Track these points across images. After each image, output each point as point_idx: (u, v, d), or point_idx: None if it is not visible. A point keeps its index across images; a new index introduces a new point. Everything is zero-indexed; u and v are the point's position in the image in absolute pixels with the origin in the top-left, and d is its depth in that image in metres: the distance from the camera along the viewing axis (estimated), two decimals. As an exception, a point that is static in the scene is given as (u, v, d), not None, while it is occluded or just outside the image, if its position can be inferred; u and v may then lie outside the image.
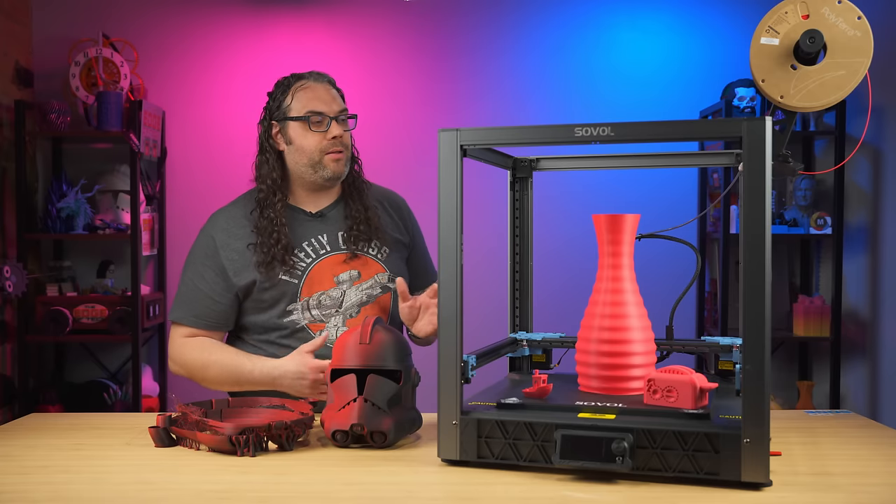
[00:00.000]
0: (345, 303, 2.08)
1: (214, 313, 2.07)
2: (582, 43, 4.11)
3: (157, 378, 4.02)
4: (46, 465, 1.60)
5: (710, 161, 2.54)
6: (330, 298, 2.07)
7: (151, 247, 3.91)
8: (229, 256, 2.08)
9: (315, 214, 2.13)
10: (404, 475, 1.51)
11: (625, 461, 1.40)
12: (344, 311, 2.08)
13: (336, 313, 2.08)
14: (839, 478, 1.48)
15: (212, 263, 2.08)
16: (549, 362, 1.95)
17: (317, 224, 2.13)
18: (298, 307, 2.06)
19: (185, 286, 2.11)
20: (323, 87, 2.10)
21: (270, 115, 2.12)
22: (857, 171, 3.94)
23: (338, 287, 2.09)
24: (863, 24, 1.50)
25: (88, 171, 3.88)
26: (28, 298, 3.64)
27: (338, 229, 2.13)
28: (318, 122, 2.07)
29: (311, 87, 2.09)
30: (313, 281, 2.07)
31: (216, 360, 2.03)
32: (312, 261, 2.08)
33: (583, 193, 4.01)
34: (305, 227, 2.11)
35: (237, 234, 2.10)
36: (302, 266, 2.07)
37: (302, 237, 2.10)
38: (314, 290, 2.07)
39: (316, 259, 2.09)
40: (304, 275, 2.07)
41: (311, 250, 2.09)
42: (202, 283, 2.08)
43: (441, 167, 1.52)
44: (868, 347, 3.88)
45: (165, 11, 4.05)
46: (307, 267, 2.08)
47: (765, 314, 1.35)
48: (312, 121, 2.06)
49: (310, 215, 2.13)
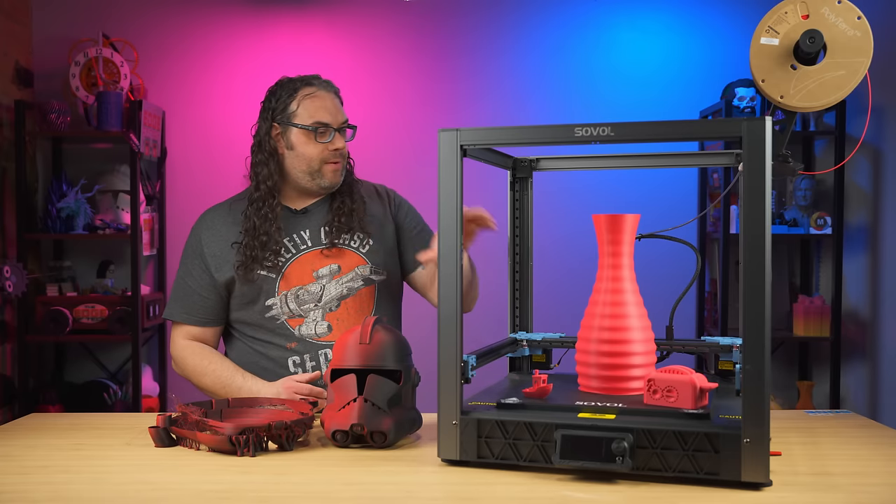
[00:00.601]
0: (324, 297, 2.09)
1: (203, 309, 2.11)
2: (582, 43, 4.11)
3: (157, 378, 4.02)
4: (46, 465, 1.60)
5: (710, 161, 2.54)
6: (308, 293, 2.09)
7: (151, 247, 3.91)
8: (212, 253, 2.11)
9: (300, 211, 2.16)
10: (404, 475, 1.51)
11: (625, 461, 1.40)
12: (323, 304, 2.09)
13: (315, 307, 2.09)
14: (839, 478, 1.48)
15: (198, 261, 2.12)
16: (549, 362, 1.96)
17: (300, 220, 2.15)
18: (277, 301, 2.08)
19: (177, 283, 2.16)
20: (329, 96, 2.12)
21: (273, 115, 2.11)
22: (857, 171, 3.94)
23: (317, 282, 2.10)
24: (863, 24, 1.50)
25: (88, 171, 3.88)
26: (28, 298, 3.64)
27: (321, 223, 2.14)
28: (323, 133, 2.08)
29: (320, 96, 2.10)
30: (291, 276, 2.09)
31: (213, 371, 2.07)
32: (292, 256, 2.11)
33: (583, 193, 4.01)
34: (289, 223, 2.13)
35: (221, 232, 2.13)
36: (281, 262, 2.09)
37: (284, 233, 2.11)
38: (292, 285, 2.09)
39: (296, 254, 2.11)
40: (283, 269, 2.09)
41: (291, 246, 2.12)
42: (190, 280, 2.12)
43: (441, 167, 1.52)
44: (868, 347, 3.88)
45: (165, 11, 4.05)
46: (286, 262, 2.10)
47: (765, 314, 1.35)
48: (318, 131, 2.08)
49: (294, 212, 2.15)
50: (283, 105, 2.10)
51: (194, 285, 2.11)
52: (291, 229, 2.13)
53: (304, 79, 2.12)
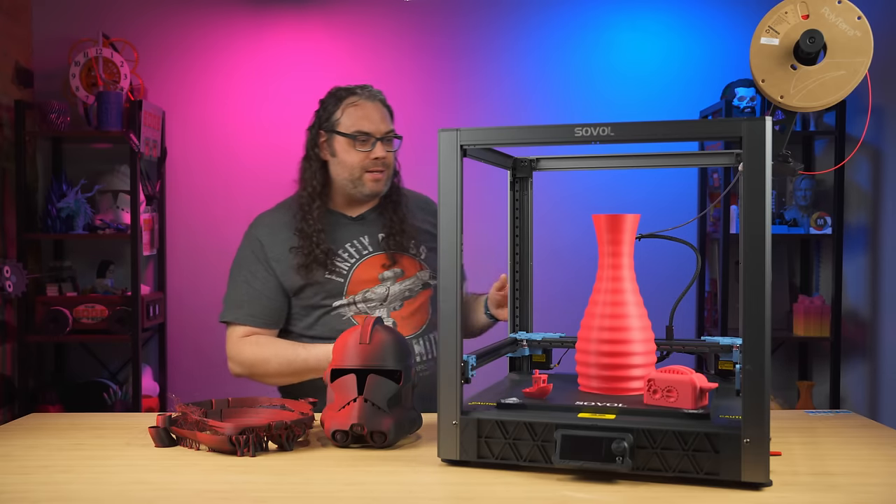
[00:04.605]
0: (389, 297, 2.17)
1: (269, 311, 2.15)
2: (582, 43, 4.11)
3: (157, 378, 4.02)
4: (46, 465, 1.60)
5: (710, 161, 2.54)
6: (375, 294, 2.17)
7: (151, 247, 3.91)
8: (275, 257, 2.16)
9: (355, 218, 2.23)
10: (404, 475, 1.51)
11: (625, 461, 1.40)
12: (388, 304, 2.17)
13: (381, 306, 2.17)
14: (839, 478, 1.48)
15: (263, 264, 2.17)
16: (549, 362, 1.95)
17: (357, 227, 2.22)
18: (344, 303, 2.15)
19: (238, 288, 2.17)
20: (374, 105, 2.19)
21: (319, 123, 2.20)
22: (857, 171, 3.94)
23: (382, 284, 2.18)
24: (863, 24, 1.50)
25: (88, 171, 3.88)
26: (28, 298, 3.64)
27: (377, 231, 2.22)
28: (363, 142, 2.15)
29: (363, 105, 2.18)
30: (359, 279, 2.17)
31: (275, 353, 2.10)
32: (356, 260, 2.18)
33: (583, 193, 4.01)
34: (347, 230, 2.21)
35: (280, 237, 2.18)
36: (346, 266, 2.16)
37: (344, 239, 2.19)
38: (359, 288, 2.16)
39: (360, 259, 2.18)
40: (350, 273, 2.16)
41: (353, 251, 2.19)
42: (256, 283, 2.15)
43: (441, 167, 1.52)
44: (868, 347, 3.88)
45: (165, 11, 4.05)
46: (352, 266, 2.17)
47: (765, 314, 1.35)
48: (359, 139, 2.15)
49: (350, 219, 2.22)
50: (329, 113, 2.19)
51: (260, 287, 2.15)
52: (350, 235, 2.20)
53: (352, 88, 2.21)
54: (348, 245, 2.19)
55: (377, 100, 2.21)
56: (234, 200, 4.01)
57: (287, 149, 4.02)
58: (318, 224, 2.14)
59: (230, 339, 2.16)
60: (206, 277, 4.04)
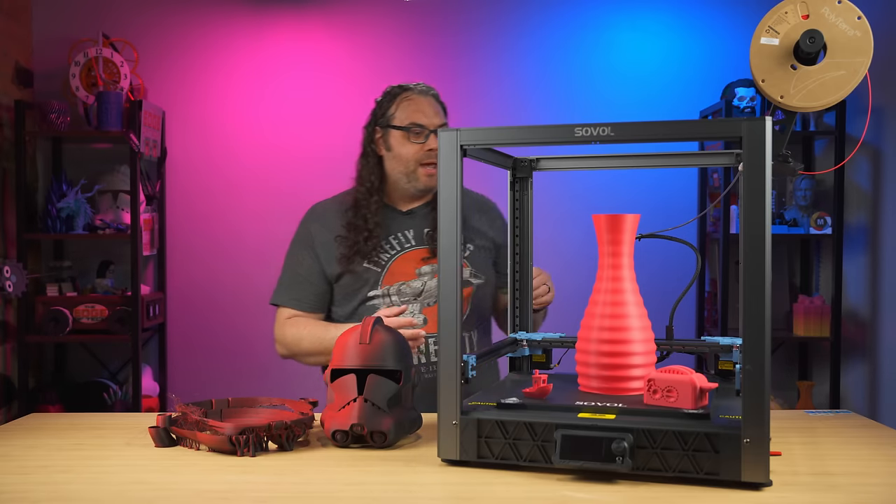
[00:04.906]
0: (424, 292, 2.20)
1: (312, 296, 2.23)
2: (582, 43, 4.11)
3: (157, 378, 4.02)
4: (46, 465, 1.60)
5: (710, 161, 2.54)
6: (410, 288, 2.20)
7: (151, 247, 3.91)
8: (321, 243, 2.24)
9: (406, 213, 2.27)
10: (404, 475, 1.51)
11: (625, 461, 1.40)
12: (422, 299, 2.20)
13: (414, 301, 2.19)
14: (839, 478, 1.48)
15: (309, 251, 2.25)
16: (549, 362, 1.95)
17: (406, 220, 2.26)
18: (379, 293, 2.19)
19: (286, 272, 2.28)
20: (427, 100, 2.26)
21: (375, 120, 2.26)
22: (857, 171, 3.94)
23: (419, 279, 2.20)
24: (863, 24, 1.50)
25: (88, 171, 3.88)
26: (28, 298, 3.64)
27: (424, 226, 2.25)
28: (417, 133, 2.21)
29: (416, 99, 2.24)
30: (395, 272, 2.20)
31: (308, 333, 2.18)
32: (396, 252, 2.21)
33: (583, 193, 4.01)
34: (395, 223, 2.25)
35: (330, 226, 2.25)
36: (385, 257, 2.20)
37: (389, 232, 2.23)
38: (396, 280, 2.20)
39: (400, 251, 2.22)
40: (388, 264, 2.20)
41: (395, 243, 2.22)
42: (301, 269, 2.25)
43: (441, 167, 1.52)
44: (868, 347, 3.88)
45: (165, 11, 4.05)
46: (390, 258, 2.21)
47: (765, 314, 1.35)
48: (413, 131, 2.20)
49: (400, 213, 2.27)
50: (384, 110, 2.25)
51: (304, 273, 2.23)
52: (396, 228, 2.24)
53: (405, 85, 2.27)
54: (392, 238, 2.23)
55: (430, 95, 2.27)
56: (233, 200, 4.01)
57: (287, 148, 4.03)
58: (376, 218, 2.19)
59: (277, 321, 2.25)
60: (206, 277, 4.04)
